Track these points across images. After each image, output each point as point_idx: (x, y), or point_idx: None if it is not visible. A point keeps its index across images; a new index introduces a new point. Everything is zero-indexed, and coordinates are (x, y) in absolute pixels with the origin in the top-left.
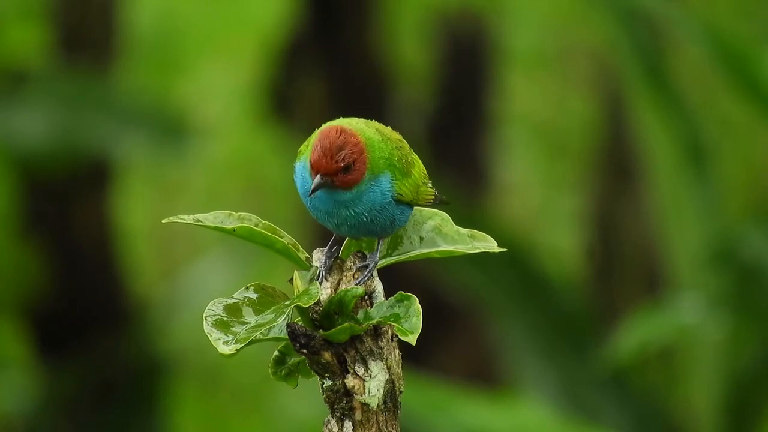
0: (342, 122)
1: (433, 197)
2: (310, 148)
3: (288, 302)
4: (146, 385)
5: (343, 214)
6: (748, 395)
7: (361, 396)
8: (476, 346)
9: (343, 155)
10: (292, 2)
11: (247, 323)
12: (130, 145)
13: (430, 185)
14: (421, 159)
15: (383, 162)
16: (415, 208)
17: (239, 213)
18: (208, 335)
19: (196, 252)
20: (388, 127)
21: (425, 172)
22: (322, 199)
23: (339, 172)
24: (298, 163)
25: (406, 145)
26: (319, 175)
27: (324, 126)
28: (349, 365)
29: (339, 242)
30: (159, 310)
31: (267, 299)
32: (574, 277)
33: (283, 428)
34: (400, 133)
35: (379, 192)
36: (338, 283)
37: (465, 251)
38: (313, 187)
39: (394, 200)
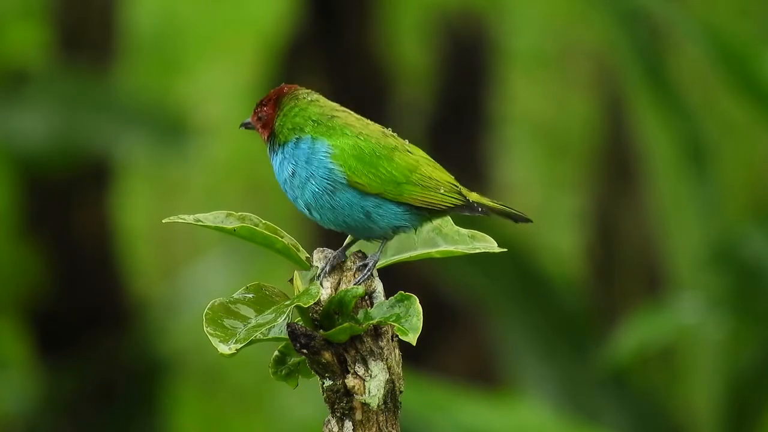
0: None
1: (447, 204)
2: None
3: (288, 302)
4: (146, 385)
5: (286, 174)
6: (748, 395)
7: (362, 396)
8: (476, 346)
9: (260, 105)
10: (293, 2)
11: (248, 323)
12: (130, 145)
13: (443, 191)
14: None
15: (290, 132)
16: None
17: (239, 213)
18: (208, 335)
19: (196, 252)
20: (387, 129)
21: (437, 178)
22: (275, 166)
23: (255, 116)
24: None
25: (390, 142)
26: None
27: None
28: (350, 365)
29: (349, 245)
30: (159, 310)
31: (267, 299)
32: (574, 277)
33: (284, 428)
34: (400, 134)
35: (308, 150)
36: (338, 283)
37: (465, 251)
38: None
39: (349, 184)
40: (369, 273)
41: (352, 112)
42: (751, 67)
